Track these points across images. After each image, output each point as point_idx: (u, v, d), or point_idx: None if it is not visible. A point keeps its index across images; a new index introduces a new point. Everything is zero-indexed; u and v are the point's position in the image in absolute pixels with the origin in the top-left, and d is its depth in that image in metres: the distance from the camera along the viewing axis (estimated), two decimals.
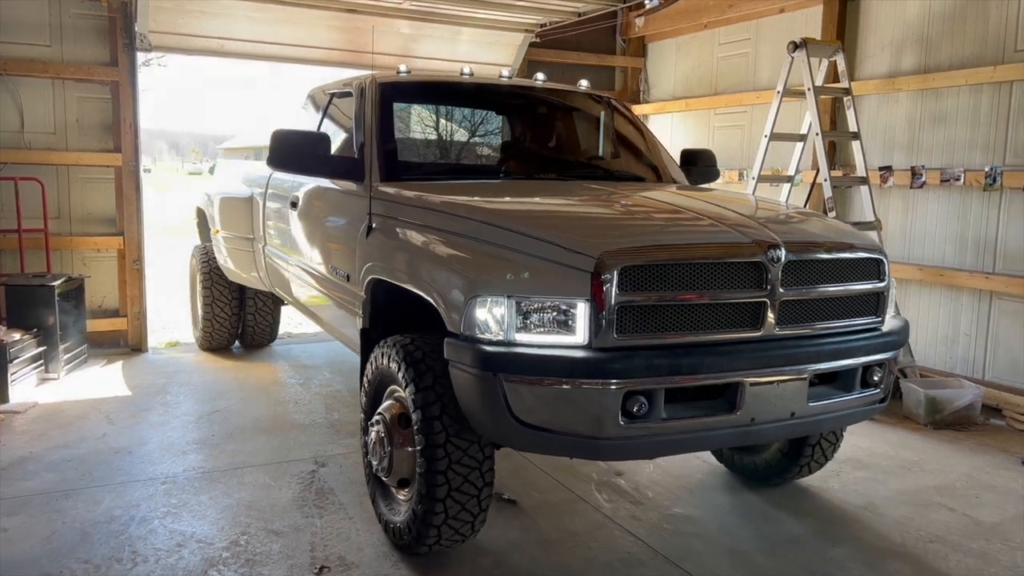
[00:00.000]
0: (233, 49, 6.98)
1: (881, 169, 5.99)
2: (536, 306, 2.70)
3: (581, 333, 2.67)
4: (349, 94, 4.41)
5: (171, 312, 9.22)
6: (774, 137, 6.21)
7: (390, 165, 3.92)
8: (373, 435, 3.31)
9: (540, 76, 4.95)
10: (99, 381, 5.88)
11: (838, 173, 6.15)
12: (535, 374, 2.68)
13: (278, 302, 6.68)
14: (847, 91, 5.93)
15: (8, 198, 6.25)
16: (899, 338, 3.29)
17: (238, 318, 6.75)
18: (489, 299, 2.75)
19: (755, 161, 6.33)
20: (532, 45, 7.88)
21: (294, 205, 4.80)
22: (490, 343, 2.74)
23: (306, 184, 4.68)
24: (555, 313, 2.69)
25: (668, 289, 2.73)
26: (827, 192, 5.70)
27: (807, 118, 6.26)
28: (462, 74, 4.58)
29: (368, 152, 3.95)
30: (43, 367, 5.73)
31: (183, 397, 5.52)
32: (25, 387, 5.45)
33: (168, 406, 5.31)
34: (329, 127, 4.60)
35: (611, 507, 3.87)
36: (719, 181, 5.29)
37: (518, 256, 2.86)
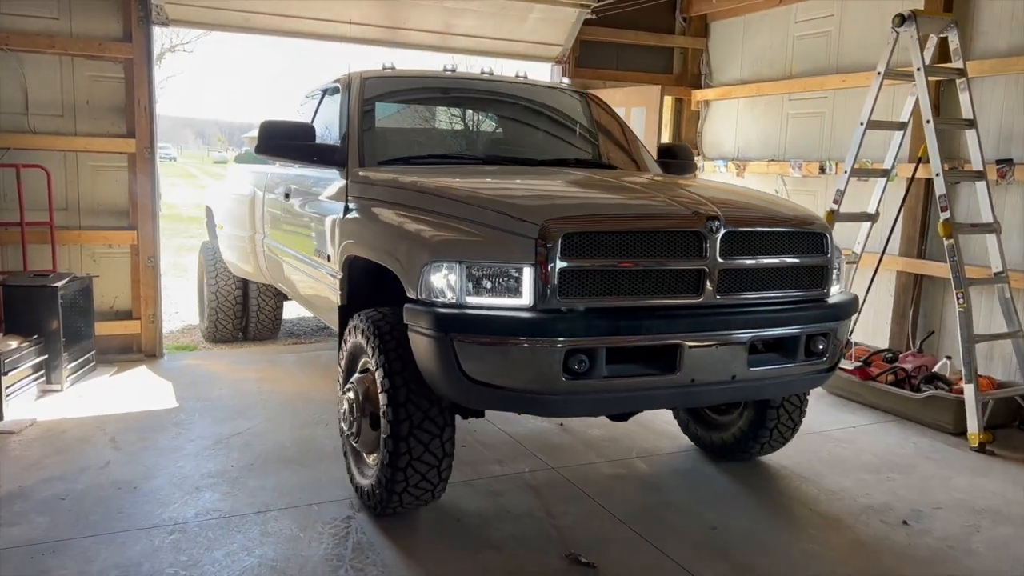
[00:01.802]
0: (258, 24, 6.30)
1: (999, 163, 5.19)
2: (486, 271, 2.87)
3: (527, 296, 2.85)
4: (339, 90, 4.58)
5: (190, 309, 8.58)
6: (871, 125, 5.44)
7: (369, 152, 4.12)
8: (345, 403, 3.52)
9: (523, 73, 5.03)
10: (106, 394, 5.25)
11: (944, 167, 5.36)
12: (482, 333, 2.85)
13: (280, 297, 6.90)
14: (961, 72, 5.13)
15: (10, 188, 5.63)
16: (843, 311, 3.40)
17: (242, 312, 6.92)
18: (444, 265, 2.92)
19: (848, 152, 5.57)
20: (587, 23, 7.13)
21: (287, 196, 4.99)
22: (443, 306, 2.91)
23: (297, 174, 4.92)
24: (503, 277, 2.86)
25: (609, 256, 2.90)
26: (939, 189, 4.92)
27: (908, 104, 5.49)
28: (445, 69, 4.92)
29: (350, 140, 4.15)
30: (44, 378, 5.11)
31: (199, 415, 4.87)
32: (23, 402, 4.83)
33: (182, 427, 4.66)
34: (322, 120, 4.77)
35: None
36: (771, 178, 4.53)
37: (471, 225, 3.04)
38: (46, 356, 5.10)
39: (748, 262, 3.12)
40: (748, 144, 7.46)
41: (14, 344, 4.83)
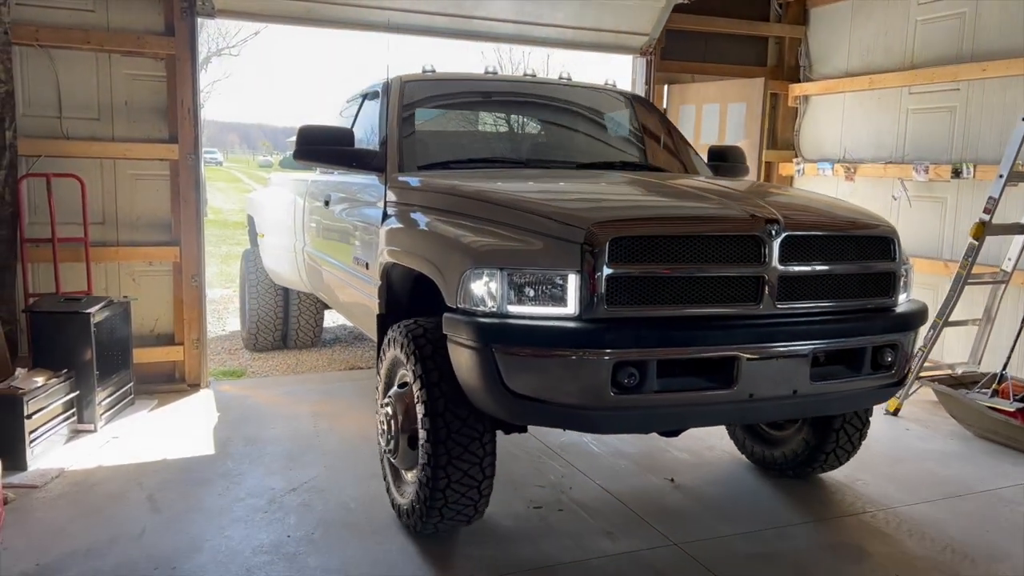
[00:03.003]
0: (320, 15, 5.60)
1: None
2: (528, 278, 2.71)
3: (572, 304, 2.69)
4: (379, 94, 4.48)
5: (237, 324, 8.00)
6: None
7: (409, 157, 4.00)
8: (383, 418, 3.37)
9: (566, 74, 4.85)
10: (145, 434, 4.63)
11: None
12: (525, 344, 2.69)
13: (321, 306, 6.87)
14: None
15: (40, 199, 5.05)
16: (912, 321, 3.17)
17: (283, 320, 6.88)
18: (484, 272, 2.76)
19: (1006, 153, 4.72)
20: (677, 8, 6.35)
21: (327, 204, 4.92)
22: (484, 315, 2.75)
23: (337, 181, 4.91)
24: (547, 285, 2.70)
25: (660, 261, 2.72)
26: None
27: None
28: (486, 72, 4.81)
29: (389, 144, 4.02)
30: (75, 417, 4.50)
31: (249, 463, 4.21)
32: (51, 447, 4.22)
33: (231, 478, 4.00)
34: (362, 125, 4.68)
35: None
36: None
37: (512, 231, 2.90)
38: (78, 392, 4.49)
39: (810, 268, 2.92)
40: (857, 144, 6.61)
41: (41, 380, 4.22)
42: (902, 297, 3.21)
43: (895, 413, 5.18)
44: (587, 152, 4.59)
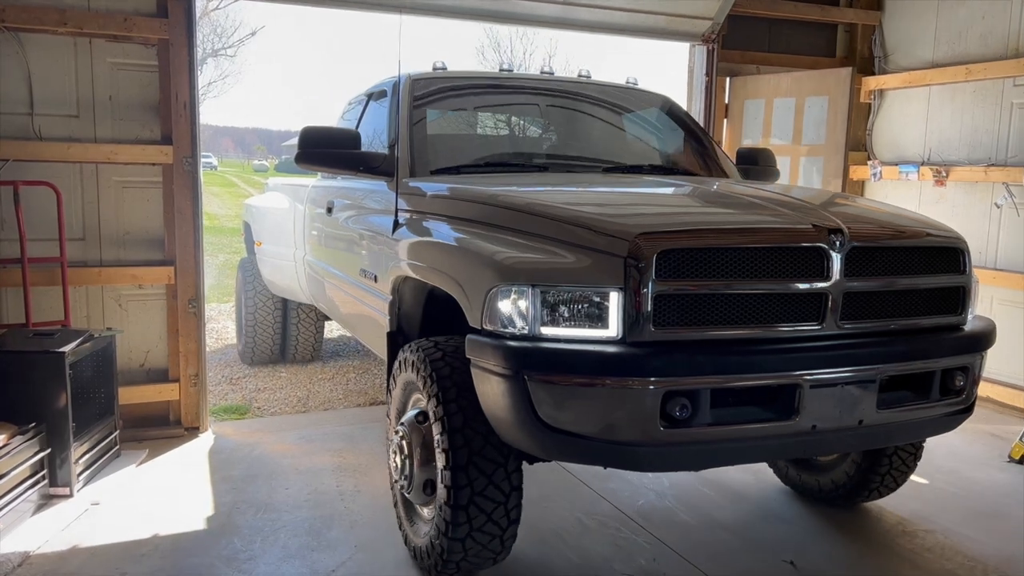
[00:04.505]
0: None
1: None
2: (564, 296, 2.45)
3: (614, 326, 2.42)
4: (386, 93, 4.30)
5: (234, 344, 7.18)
6: None
7: (421, 160, 3.77)
8: (395, 448, 3.07)
9: (585, 72, 4.54)
10: (131, 498, 3.80)
11: None
12: (562, 372, 2.42)
13: (322, 318, 6.59)
14: None
15: (7, 212, 4.23)
16: (984, 340, 2.88)
17: (281, 332, 6.54)
18: (512, 289, 2.49)
19: None
20: None
21: (330, 211, 4.69)
22: (513, 338, 2.48)
23: (340, 187, 4.70)
24: (585, 304, 2.45)
25: (714, 277, 2.44)
26: None
27: None
28: (501, 70, 4.58)
29: (399, 147, 3.78)
30: (46, 480, 3.67)
31: (260, 541, 3.38)
32: (15, 521, 3.39)
33: (236, 566, 3.17)
34: (367, 128, 4.44)
35: None
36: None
37: (544, 242, 2.65)
38: (49, 450, 3.66)
39: (876, 283, 2.65)
40: (946, 144, 5.82)
41: (2, 439, 3.39)
42: (969, 314, 2.94)
43: (1021, 461, 4.38)
44: (613, 154, 4.25)
